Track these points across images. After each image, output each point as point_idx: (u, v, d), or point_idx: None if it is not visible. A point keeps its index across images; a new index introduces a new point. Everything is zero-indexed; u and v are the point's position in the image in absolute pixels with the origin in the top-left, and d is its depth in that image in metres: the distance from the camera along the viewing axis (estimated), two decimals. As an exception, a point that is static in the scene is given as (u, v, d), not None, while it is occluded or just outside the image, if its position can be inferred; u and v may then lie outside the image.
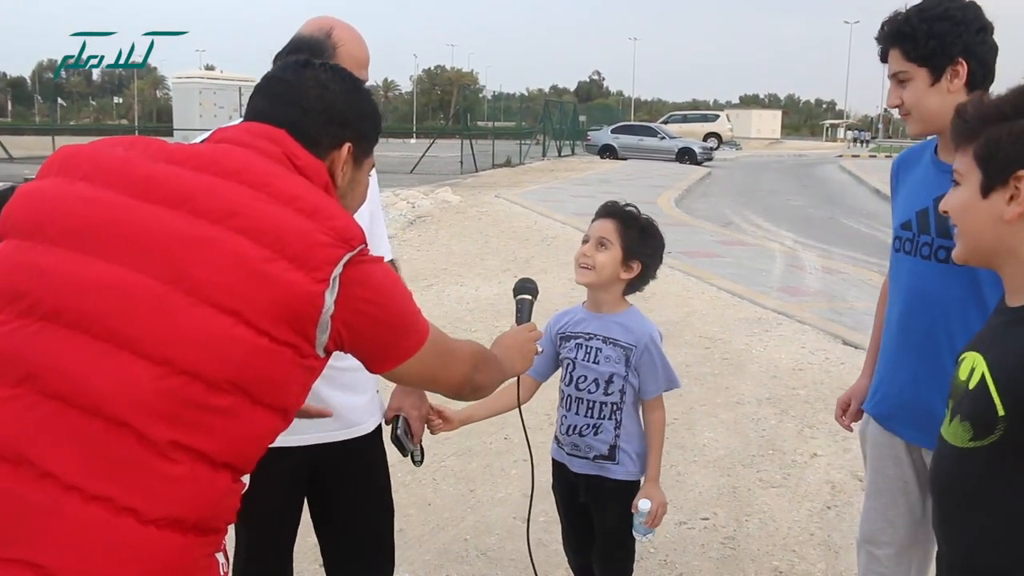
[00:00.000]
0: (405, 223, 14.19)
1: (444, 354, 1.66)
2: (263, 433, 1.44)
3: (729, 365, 6.51)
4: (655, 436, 2.76)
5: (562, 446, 2.80)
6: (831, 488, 4.45)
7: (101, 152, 1.50)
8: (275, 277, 1.36)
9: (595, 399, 2.70)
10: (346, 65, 2.20)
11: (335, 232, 1.43)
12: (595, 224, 2.71)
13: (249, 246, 1.37)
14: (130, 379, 1.31)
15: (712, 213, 17.98)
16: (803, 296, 8.97)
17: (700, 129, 48.48)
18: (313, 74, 1.65)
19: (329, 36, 2.29)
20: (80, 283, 1.35)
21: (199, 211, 1.39)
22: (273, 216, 1.40)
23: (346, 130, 1.64)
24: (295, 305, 1.37)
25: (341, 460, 2.40)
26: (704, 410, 5.57)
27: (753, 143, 68.16)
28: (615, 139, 37.04)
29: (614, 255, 2.64)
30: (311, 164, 1.56)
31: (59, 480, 1.27)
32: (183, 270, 1.35)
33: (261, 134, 1.56)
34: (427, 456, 2.96)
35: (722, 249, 11.99)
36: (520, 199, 17.37)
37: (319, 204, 1.46)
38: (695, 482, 4.51)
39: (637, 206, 2.82)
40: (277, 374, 1.40)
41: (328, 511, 2.51)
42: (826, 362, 6.55)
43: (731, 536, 3.96)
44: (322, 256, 1.40)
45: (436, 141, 31.91)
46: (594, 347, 2.70)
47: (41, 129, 50.52)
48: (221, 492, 1.39)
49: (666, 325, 7.52)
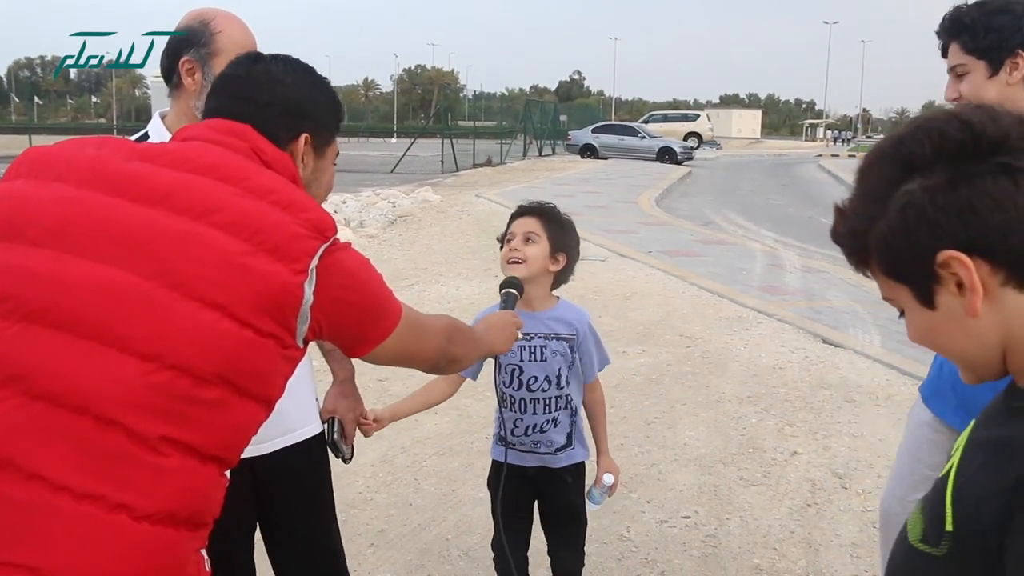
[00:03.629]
0: (386, 223, 14.17)
1: (418, 331, 1.69)
2: (248, 424, 1.46)
3: (709, 364, 6.53)
4: (601, 413, 2.92)
5: (514, 447, 2.82)
6: (811, 486, 4.47)
7: (73, 152, 1.50)
8: (257, 270, 1.38)
9: (550, 395, 2.76)
10: (228, 50, 2.19)
11: (310, 224, 1.45)
12: (517, 222, 2.78)
13: (230, 240, 1.39)
14: (119, 376, 1.31)
15: (692, 212, 18.04)
16: (783, 295, 9.01)
17: (680, 129, 48.64)
18: (264, 67, 1.66)
19: (207, 24, 2.25)
20: (65, 282, 1.35)
21: (178, 208, 1.40)
22: (251, 210, 1.42)
23: (303, 120, 1.65)
24: (277, 297, 1.40)
25: (284, 466, 2.36)
26: (685, 409, 5.59)
27: (733, 143, 68.48)
28: (596, 139, 37.08)
29: (542, 248, 2.73)
30: (278, 157, 1.58)
31: (49, 481, 1.26)
32: (167, 266, 1.36)
33: (227, 130, 1.57)
34: (409, 455, 2.97)
35: (702, 248, 12.02)
36: (501, 199, 17.35)
37: (293, 197, 1.48)
38: (676, 480, 4.52)
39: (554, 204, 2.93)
40: (262, 365, 1.42)
41: (271, 518, 2.48)
42: (806, 360, 6.59)
43: (712, 534, 3.97)
44: (300, 248, 1.42)
45: (417, 140, 31.84)
46: (538, 346, 2.74)
47: (18, 128, 50.11)
48: (210, 485, 1.41)
49: (647, 324, 7.57)
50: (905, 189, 1.06)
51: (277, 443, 2.33)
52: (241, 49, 2.19)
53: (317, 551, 2.50)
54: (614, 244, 11.59)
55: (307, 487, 2.46)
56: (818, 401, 5.72)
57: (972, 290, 1.04)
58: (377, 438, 3.49)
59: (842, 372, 6.32)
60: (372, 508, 4.18)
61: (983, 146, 1.03)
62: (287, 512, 2.45)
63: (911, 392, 5.86)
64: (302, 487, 2.44)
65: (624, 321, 7.64)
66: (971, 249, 1.03)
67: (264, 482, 2.37)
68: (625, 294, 8.77)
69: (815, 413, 5.50)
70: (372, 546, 3.83)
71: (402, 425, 4.95)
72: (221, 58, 2.20)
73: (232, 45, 2.23)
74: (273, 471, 2.35)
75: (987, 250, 1.03)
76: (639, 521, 4.09)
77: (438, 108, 37.75)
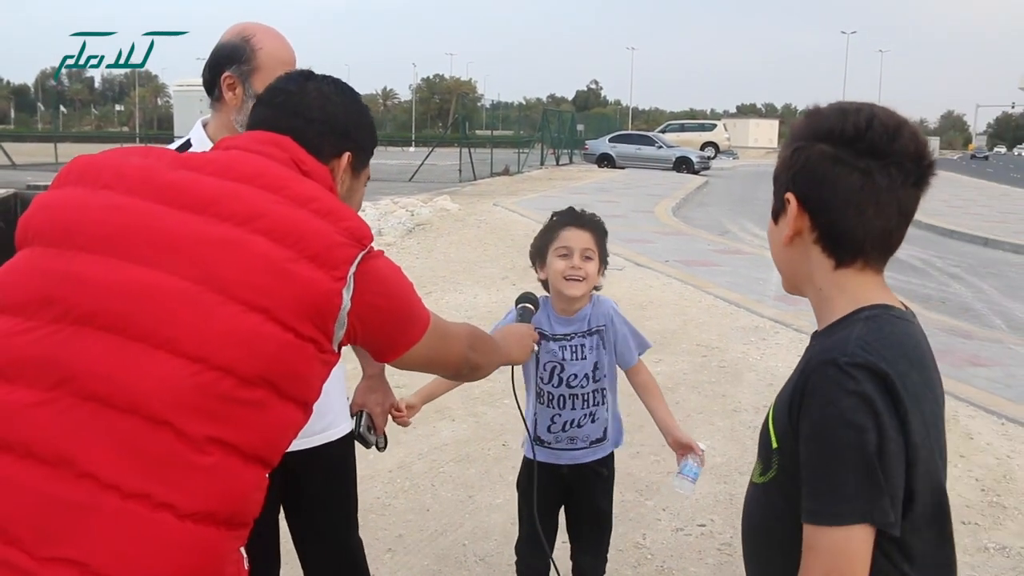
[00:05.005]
0: (404, 231, 14.23)
1: (444, 337, 1.75)
2: (288, 425, 1.49)
3: (726, 373, 6.54)
4: (655, 391, 2.92)
5: (548, 445, 2.87)
6: (827, 495, 4.47)
7: (120, 161, 1.55)
8: (299, 276, 1.43)
9: (588, 391, 2.83)
10: (269, 67, 2.25)
11: (349, 232, 1.49)
12: (570, 235, 2.80)
13: (273, 247, 1.43)
14: (167, 377, 1.35)
15: (709, 222, 18.04)
16: (800, 305, 8.95)
17: (697, 138, 48.54)
18: (316, 86, 1.73)
19: (248, 41, 2.30)
20: (114, 286, 1.39)
21: (223, 214, 1.45)
22: (293, 218, 1.47)
23: (346, 140, 1.72)
24: (317, 302, 1.44)
25: (313, 463, 2.42)
26: (701, 418, 5.60)
27: (750, 152, 68.36)
28: (613, 148, 37.09)
29: (596, 264, 2.81)
30: (317, 169, 1.63)
31: (98, 479, 1.30)
32: (213, 271, 1.41)
33: (267, 140, 1.62)
34: (427, 461, 3.02)
35: (719, 258, 12.03)
36: (518, 207, 17.41)
37: (332, 206, 1.53)
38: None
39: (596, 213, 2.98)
40: (302, 368, 1.46)
41: (298, 512, 2.54)
42: (822, 370, 6.57)
43: (728, 542, 3.99)
44: (340, 255, 1.46)
45: (435, 149, 32.01)
46: (577, 344, 2.82)
47: (44, 136, 50.55)
48: (251, 486, 1.44)
49: (663, 333, 7.58)
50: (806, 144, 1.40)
51: (309, 440, 2.40)
52: (282, 65, 2.26)
53: (341, 546, 2.56)
54: (631, 253, 11.61)
55: (334, 484, 2.52)
56: (834, 411, 5.70)
57: (789, 224, 1.42)
58: (395, 444, 3.54)
59: (859, 382, 6.30)
60: (390, 514, 4.22)
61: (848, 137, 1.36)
62: (313, 507, 2.52)
63: (928, 402, 5.85)
64: (329, 483, 2.51)
65: (641, 330, 7.63)
66: (805, 202, 1.40)
67: (293, 477, 2.44)
68: (642, 303, 8.79)
69: (831, 423, 5.49)
70: (390, 551, 3.87)
71: (419, 432, 4.99)
72: (262, 74, 2.26)
73: (273, 62, 2.28)
74: (302, 467, 2.40)
75: (814, 210, 1.40)
76: (655, 529, 4.11)
77: (456, 117, 37.86)
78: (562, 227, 2.83)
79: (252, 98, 2.24)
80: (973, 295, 10.85)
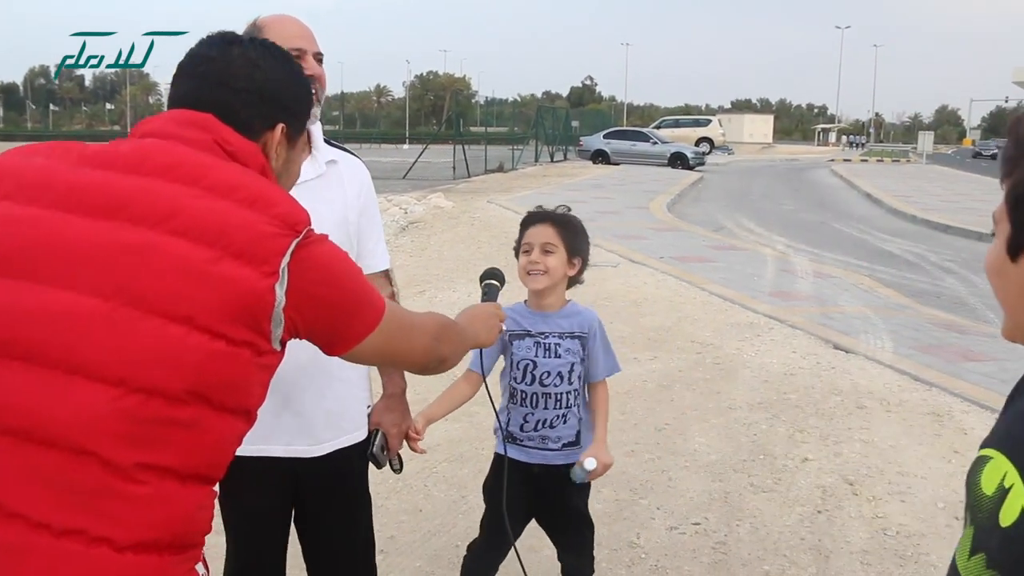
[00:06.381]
0: (398, 229, 14.21)
1: (404, 328, 1.60)
2: (229, 439, 1.39)
3: (720, 370, 6.52)
4: (603, 409, 2.90)
5: (520, 443, 2.86)
6: (822, 492, 4.46)
7: (21, 164, 1.42)
8: (223, 277, 1.31)
9: (561, 391, 2.81)
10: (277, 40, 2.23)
11: (279, 219, 1.37)
12: (532, 231, 2.81)
13: (192, 248, 1.31)
14: (86, 405, 1.26)
15: (704, 218, 18.03)
16: (794, 300, 8.99)
17: (692, 134, 48.62)
18: (241, 51, 1.54)
19: (256, 26, 2.31)
20: (22, 312, 1.29)
21: (136, 217, 1.33)
22: (213, 212, 1.34)
23: (279, 110, 1.55)
24: (247, 303, 1.32)
25: (326, 470, 2.42)
26: (696, 415, 5.59)
27: (745, 147, 68.41)
28: (607, 144, 37.07)
29: (560, 257, 2.78)
30: (244, 148, 1.48)
31: (27, 519, 1.23)
32: (126, 283, 1.29)
33: (187, 122, 1.47)
34: (420, 461, 3.01)
35: (714, 254, 12.01)
36: (513, 204, 17.37)
37: (259, 191, 1.40)
38: (686, 487, 4.52)
39: (568, 205, 2.97)
40: (238, 376, 1.35)
41: (309, 520, 2.52)
42: (817, 367, 6.57)
43: (722, 541, 3.97)
44: (269, 248, 1.34)
45: (429, 147, 31.94)
46: (552, 343, 2.81)
47: (33, 135, 50.49)
48: (194, 506, 1.35)
49: (658, 330, 7.56)
50: None
51: (325, 447, 2.40)
52: (292, 37, 2.25)
53: (355, 555, 2.54)
54: (625, 250, 11.59)
55: (347, 490, 2.49)
56: (829, 407, 5.71)
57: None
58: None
59: (853, 378, 6.30)
60: (382, 514, 4.19)
61: None
62: (325, 513, 2.50)
63: (922, 398, 5.85)
64: (342, 490, 2.48)
65: (635, 327, 7.64)
66: None
67: (305, 482, 2.44)
68: (636, 300, 8.77)
69: (826, 419, 5.50)
70: (382, 552, 3.83)
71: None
72: None
73: (277, 36, 2.23)
74: (317, 472, 2.41)
75: None
76: (649, 528, 4.09)
77: (450, 114, 37.84)
78: (526, 225, 2.85)
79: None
80: (967, 290, 10.84)
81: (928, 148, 50.85)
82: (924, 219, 17.92)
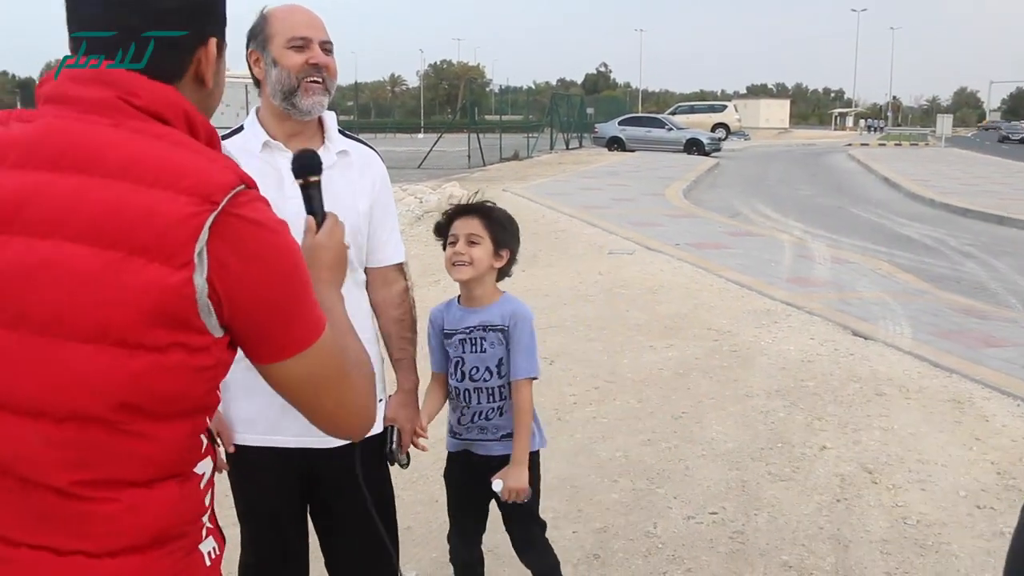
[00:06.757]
0: (413, 218, 14.19)
1: (339, 368, 1.33)
2: (185, 437, 1.26)
3: (737, 357, 6.48)
4: (521, 416, 2.82)
5: (461, 437, 2.91)
6: (840, 481, 4.42)
7: None
8: (130, 281, 1.14)
9: (492, 385, 2.82)
10: (281, 32, 2.26)
11: (190, 193, 1.17)
12: (458, 223, 2.82)
13: (92, 254, 1.15)
14: (18, 439, 1.18)
15: (720, 204, 17.93)
16: (812, 287, 8.92)
17: (708, 120, 48.36)
18: None
19: (262, 14, 2.33)
20: None
21: (29, 227, 1.17)
22: (111, 204, 1.16)
23: (208, 22, 1.33)
24: (164, 304, 1.15)
25: (338, 462, 2.40)
26: (712, 403, 5.55)
27: (762, 133, 67.98)
28: (622, 131, 36.95)
29: (486, 248, 2.79)
30: (157, 97, 1.25)
31: (4, 538, 1.21)
32: (27, 309, 1.16)
33: (87, 79, 1.25)
34: (434, 453, 3.01)
35: (730, 240, 11.93)
36: (528, 192, 17.33)
37: (163, 162, 1.19)
38: (703, 476, 4.49)
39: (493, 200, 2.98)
40: (170, 386, 1.19)
41: (322, 512, 2.52)
42: (835, 353, 6.52)
43: (740, 530, 3.94)
44: (179, 236, 1.15)
45: (444, 136, 31.88)
46: (477, 337, 2.82)
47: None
48: (169, 503, 1.25)
49: (674, 318, 7.52)
50: None
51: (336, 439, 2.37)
52: (297, 26, 2.27)
53: (372, 547, 2.52)
54: (641, 237, 11.54)
55: (360, 482, 2.46)
56: (848, 394, 5.66)
57: None
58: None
59: (872, 365, 6.25)
60: (399, 505, 4.17)
61: None
62: (337, 504, 2.49)
63: (942, 385, 5.79)
64: (355, 482, 2.45)
65: (651, 315, 7.60)
66: None
67: (317, 473, 2.44)
68: (652, 287, 8.72)
69: (844, 407, 5.45)
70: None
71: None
72: (277, 39, 2.27)
73: (284, 24, 2.28)
74: (328, 463, 2.40)
75: None
76: (666, 517, 4.07)
77: (464, 103, 37.73)
78: (452, 218, 2.86)
79: (271, 65, 2.28)
80: (988, 274, 10.74)
81: (947, 131, 50.44)
82: (943, 203, 17.74)
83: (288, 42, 2.26)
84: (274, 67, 2.27)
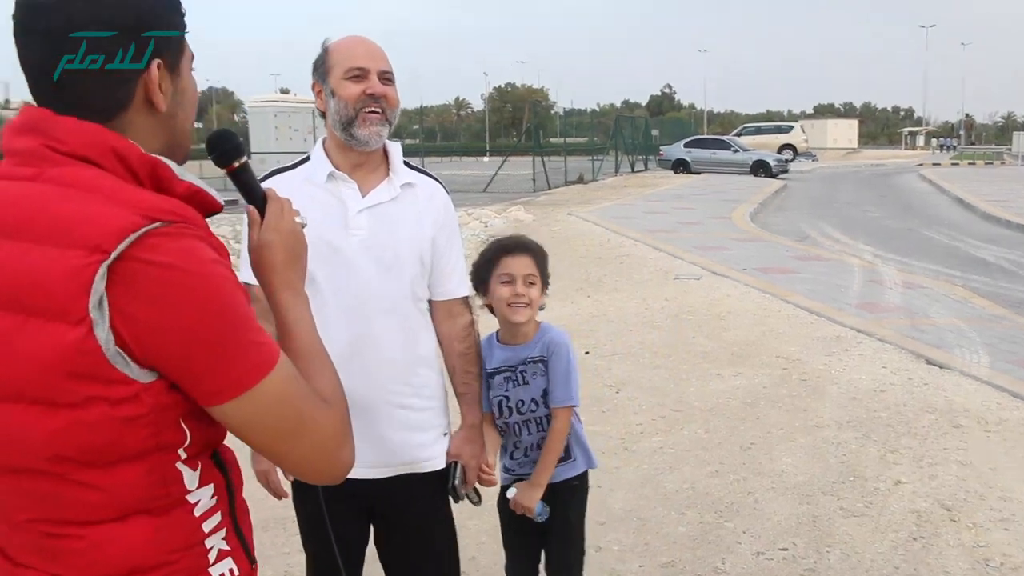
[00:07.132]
0: (478, 243, 14.24)
1: (294, 410, 1.23)
2: (141, 477, 1.19)
3: (807, 387, 6.35)
4: (551, 442, 2.81)
5: (513, 472, 2.91)
6: (916, 518, 4.29)
7: None
8: (32, 343, 1.11)
9: (540, 414, 2.82)
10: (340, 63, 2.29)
11: (80, 245, 1.11)
12: (512, 261, 2.78)
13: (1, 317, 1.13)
14: None
15: (788, 227, 17.67)
16: (883, 312, 8.73)
17: (774, 141, 47.75)
18: None
19: (324, 46, 2.36)
20: None
21: None
22: (10, 267, 1.13)
23: (141, 39, 1.23)
24: (67, 361, 1.11)
25: (400, 494, 2.41)
26: (782, 434, 5.44)
27: (829, 153, 66.97)
28: (688, 153, 36.72)
29: (539, 288, 2.79)
30: (81, 141, 1.19)
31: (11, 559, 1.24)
32: None
33: (20, 127, 1.22)
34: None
35: (798, 264, 11.75)
36: (593, 216, 17.30)
37: (57, 216, 1.14)
38: (773, 510, 4.40)
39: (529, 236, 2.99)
40: (95, 437, 1.14)
41: (384, 543, 2.52)
42: (908, 383, 6.35)
43: (811, 568, 3.84)
44: (69, 290, 1.10)
45: (508, 159, 32.02)
46: (519, 372, 2.81)
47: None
48: (143, 537, 1.21)
49: (742, 345, 7.41)
50: None
51: (400, 470, 2.40)
52: (355, 57, 2.29)
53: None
54: (707, 262, 11.42)
55: (421, 513, 2.47)
56: (922, 426, 5.50)
57: None
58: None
59: (948, 395, 6.07)
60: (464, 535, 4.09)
61: None
62: (397, 535, 2.49)
63: (1023, 416, 5.60)
64: (416, 513, 2.46)
65: (718, 341, 7.50)
66: None
67: (380, 505, 2.44)
68: (719, 313, 8.61)
69: (919, 439, 5.30)
70: (464, 574, 3.81)
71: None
72: (335, 71, 2.30)
73: (342, 57, 2.31)
74: (391, 495, 2.41)
75: None
76: (734, 552, 3.99)
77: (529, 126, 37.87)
78: (503, 254, 2.81)
79: (331, 96, 2.31)
80: (1069, 299, 10.39)
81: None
82: (1021, 224, 17.24)
83: (346, 73, 2.29)
84: (332, 98, 2.30)
